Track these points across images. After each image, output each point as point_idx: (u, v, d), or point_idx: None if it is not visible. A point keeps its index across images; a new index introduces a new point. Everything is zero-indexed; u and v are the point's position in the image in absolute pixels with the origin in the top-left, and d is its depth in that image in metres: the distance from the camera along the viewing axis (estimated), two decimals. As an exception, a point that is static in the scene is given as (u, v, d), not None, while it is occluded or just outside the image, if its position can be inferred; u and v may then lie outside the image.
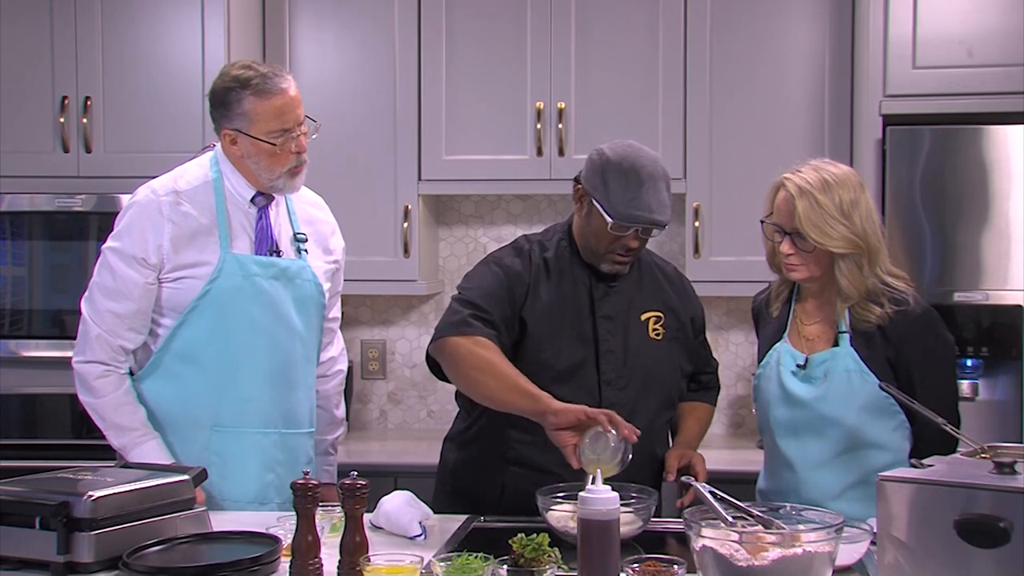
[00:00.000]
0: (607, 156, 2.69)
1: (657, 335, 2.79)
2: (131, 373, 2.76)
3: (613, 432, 2.41)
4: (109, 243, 2.74)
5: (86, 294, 2.75)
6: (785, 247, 2.57)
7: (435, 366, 2.74)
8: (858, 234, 2.52)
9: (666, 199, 2.68)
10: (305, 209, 2.91)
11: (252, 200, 2.78)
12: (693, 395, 2.94)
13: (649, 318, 2.80)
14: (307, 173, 2.81)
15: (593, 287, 2.76)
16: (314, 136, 2.78)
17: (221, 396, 2.72)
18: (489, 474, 2.77)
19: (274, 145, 2.69)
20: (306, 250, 2.84)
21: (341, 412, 3.06)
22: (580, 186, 2.74)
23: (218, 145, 2.80)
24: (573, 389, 2.67)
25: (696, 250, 3.87)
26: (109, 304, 2.70)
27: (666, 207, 2.67)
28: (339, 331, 3.04)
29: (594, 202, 2.68)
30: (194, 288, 2.70)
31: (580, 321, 2.74)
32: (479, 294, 2.71)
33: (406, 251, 3.99)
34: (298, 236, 2.85)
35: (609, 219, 2.65)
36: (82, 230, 3.76)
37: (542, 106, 3.92)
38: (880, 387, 2.46)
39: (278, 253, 2.80)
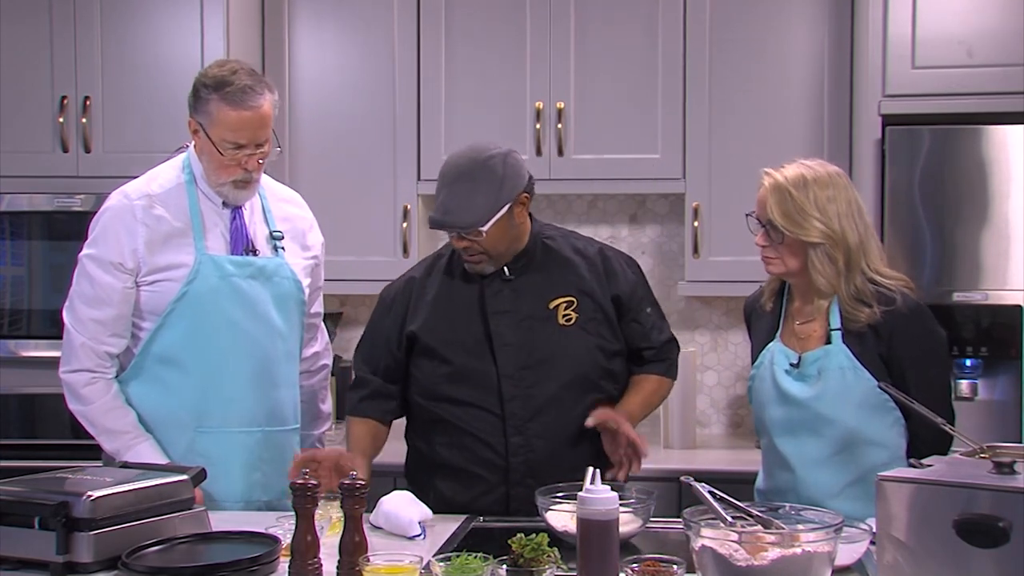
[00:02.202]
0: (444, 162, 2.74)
1: (568, 321, 2.78)
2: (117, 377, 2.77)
3: None
4: (85, 250, 2.75)
5: (67, 304, 2.76)
6: (759, 239, 2.60)
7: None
8: (832, 228, 2.53)
9: (476, 199, 2.65)
10: (280, 207, 2.91)
11: (224, 202, 2.78)
12: (640, 368, 2.89)
13: (558, 305, 2.78)
14: (306, 172, 2.82)
15: (486, 284, 2.78)
16: (272, 159, 2.78)
17: (204, 397, 2.73)
18: (423, 477, 2.83)
19: (221, 155, 2.69)
20: (283, 248, 2.85)
21: (327, 407, 3.08)
22: None
23: (191, 146, 2.81)
24: (473, 388, 2.73)
25: (695, 250, 3.87)
26: (90, 312, 2.71)
27: (472, 208, 2.65)
28: (323, 325, 3.05)
29: None
30: (171, 290, 2.71)
31: (472, 320, 2.76)
32: (360, 353, 2.89)
33: (405, 251, 3.98)
34: (274, 234, 2.85)
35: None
36: (81, 230, 3.69)
37: (541, 106, 3.92)
38: (879, 387, 2.46)
39: (254, 252, 2.80)
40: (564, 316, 2.78)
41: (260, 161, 2.72)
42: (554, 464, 2.62)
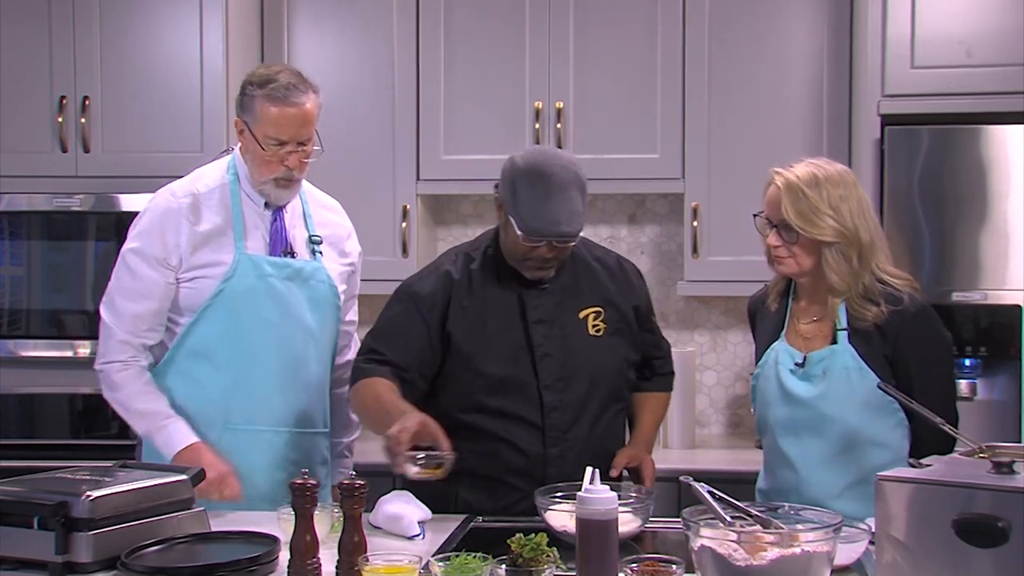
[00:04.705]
0: (518, 165, 2.66)
1: (597, 331, 2.78)
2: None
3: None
4: (129, 245, 2.78)
5: (105, 299, 2.79)
6: (772, 239, 2.58)
7: None
8: (846, 226, 2.53)
9: (578, 208, 2.63)
10: (321, 212, 2.94)
11: (266, 203, 2.81)
12: (648, 383, 2.93)
13: (588, 315, 2.78)
14: (308, 173, 2.82)
15: (523, 292, 2.75)
16: (314, 159, 2.79)
17: (233, 394, 2.75)
18: (441, 482, 2.72)
19: (264, 150, 2.71)
20: (320, 252, 2.87)
21: None
22: (498, 196, 2.72)
23: (236, 149, 2.84)
24: (513, 398, 2.69)
25: (695, 250, 3.87)
26: (130, 306, 2.74)
27: (577, 216, 2.63)
28: (356, 335, 3.05)
29: (507, 213, 2.66)
30: (209, 287, 2.74)
31: (511, 328, 2.73)
32: (376, 334, 2.77)
33: (404, 251, 3.98)
34: (312, 239, 2.88)
35: (519, 231, 2.63)
36: (80, 230, 3.76)
37: (540, 106, 3.92)
38: (879, 387, 2.46)
39: (292, 255, 2.83)
40: (594, 326, 2.78)
41: (303, 160, 2.75)
42: (578, 471, 2.56)
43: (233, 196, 2.79)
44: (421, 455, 2.42)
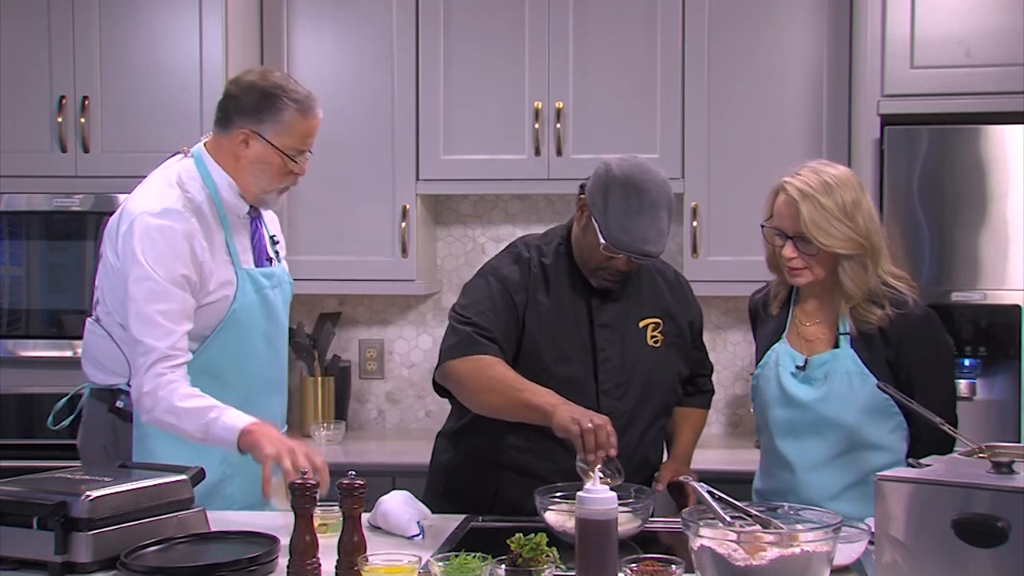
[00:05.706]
0: (613, 173, 2.63)
1: (655, 342, 2.78)
2: None
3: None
4: (148, 270, 2.57)
5: (137, 321, 2.56)
6: (788, 251, 2.55)
7: (443, 387, 2.77)
8: (861, 234, 2.52)
9: (664, 228, 2.63)
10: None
11: (248, 212, 2.74)
12: (689, 399, 2.95)
13: (648, 325, 2.78)
14: (306, 173, 2.80)
15: (591, 295, 2.75)
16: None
17: (244, 410, 2.59)
18: (482, 477, 2.76)
19: (292, 161, 2.67)
20: (278, 252, 2.86)
21: None
22: (583, 196, 2.70)
23: (199, 149, 2.72)
24: (572, 398, 2.64)
25: (694, 250, 3.87)
26: (170, 325, 2.57)
27: (662, 237, 2.63)
28: None
29: (592, 218, 2.65)
30: (219, 311, 2.66)
31: (578, 330, 2.73)
32: (477, 311, 2.71)
33: (404, 251, 3.98)
34: (273, 239, 2.85)
35: (602, 240, 2.62)
36: (80, 230, 3.76)
37: (540, 106, 3.92)
38: (878, 387, 2.46)
39: (270, 261, 2.81)
40: (652, 337, 2.78)
41: (306, 166, 2.74)
42: (626, 481, 2.53)
43: (219, 208, 2.69)
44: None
